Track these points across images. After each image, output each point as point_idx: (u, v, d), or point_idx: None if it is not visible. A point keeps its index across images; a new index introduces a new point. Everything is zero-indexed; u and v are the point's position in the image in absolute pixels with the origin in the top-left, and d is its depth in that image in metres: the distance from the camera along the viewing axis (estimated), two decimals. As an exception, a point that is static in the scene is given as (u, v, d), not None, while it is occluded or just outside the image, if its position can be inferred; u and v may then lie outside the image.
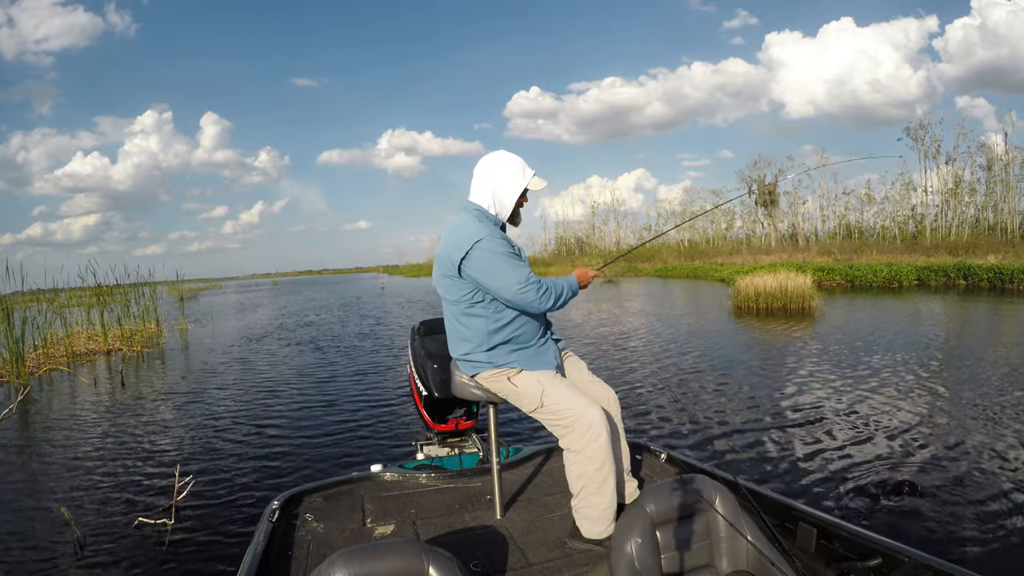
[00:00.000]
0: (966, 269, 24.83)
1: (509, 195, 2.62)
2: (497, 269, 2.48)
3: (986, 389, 7.51)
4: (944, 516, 4.18)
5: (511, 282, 2.47)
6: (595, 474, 2.43)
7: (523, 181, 2.63)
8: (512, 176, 2.62)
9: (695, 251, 56.36)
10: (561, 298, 2.60)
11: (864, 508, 4.40)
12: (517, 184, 2.62)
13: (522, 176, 2.63)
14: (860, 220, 53.99)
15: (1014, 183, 43.25)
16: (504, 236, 2.60)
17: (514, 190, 2.62)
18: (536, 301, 2.50)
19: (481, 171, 2.67)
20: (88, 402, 9.54)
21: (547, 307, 2.55)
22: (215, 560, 4.13)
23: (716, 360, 10.39)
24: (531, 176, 2.65)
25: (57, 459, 6.56)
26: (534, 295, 2.48)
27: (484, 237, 2.48)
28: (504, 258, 2.48)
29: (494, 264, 2.48)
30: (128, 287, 18.57)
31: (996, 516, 4.13)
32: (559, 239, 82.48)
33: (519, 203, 2.70)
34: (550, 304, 2.54)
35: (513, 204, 2.65)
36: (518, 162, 2.65)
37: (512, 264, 2.49)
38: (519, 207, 2.72)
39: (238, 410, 8.37)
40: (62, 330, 15.52)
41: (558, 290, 2.58)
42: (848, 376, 8.61)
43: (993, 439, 5.70)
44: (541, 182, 2.69)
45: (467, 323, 2.63)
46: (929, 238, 44.24)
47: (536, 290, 2.48)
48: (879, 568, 2.01)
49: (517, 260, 2.53)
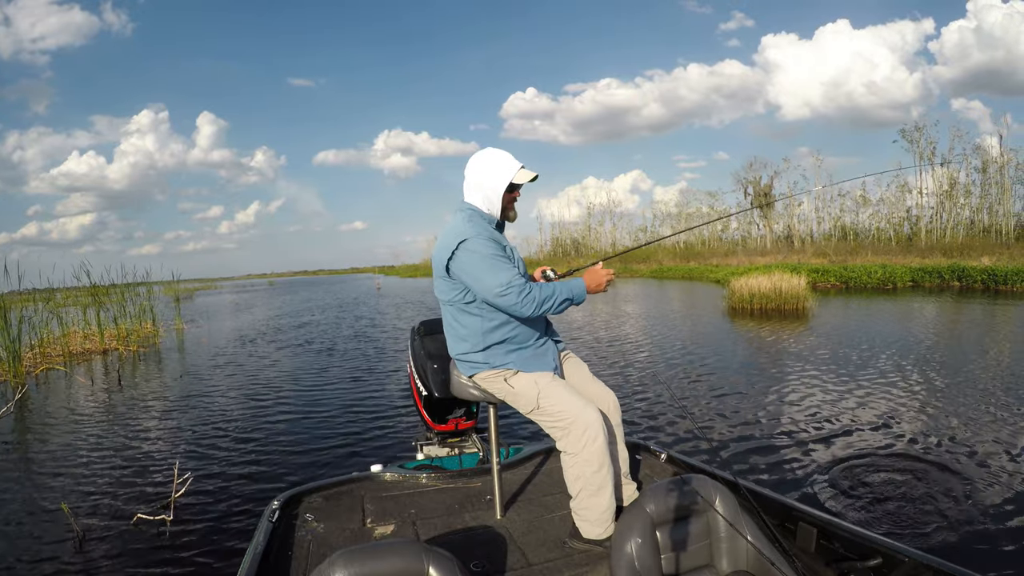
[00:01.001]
0: (960, 271, 24.86)
1: (495, 190, 2.59)
2: (478, 270, 2.48)
3: (976, 388, 7.57)
4: (941, 512, 4.21)
5: (492, 284, 2.45)
6: (592, 476, 2.43)
7: (508, 174, 2.58)
8: (497, 170, 2.59)
9: (691, 252, 56.27)
10: (548, 304, 2.51)
11: (862, 505, 4.43)
12: (502, 178, 2.58)
13: (507, 169, 2.59)
14: (855, 222, 54.14)
15: (1009, 185, 43.37)
16: (493, 237, 2.57)
17: (499, 184, 2.58)
18: (517, 305, 2.45)
19: (470, 169, 2.66)
20: (86, 401, 9.53)
21: (530, 312, 2.48)
22: (214, 556, 4.16)
23: (710, 361, 10.42)
24: (517, 168, 2.60)
25: (55, 457, 6.57)
26: (515, 299, 2.44)
27: (470, 237, 2.48)
28: (487, 259, 2.47)
29: (476, 265, 2.48)
30: (124, 287, 18.54)
31: (995, 512, 4.16)
32: (555, 240, 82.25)
33: (511, 198, 2.68)
34: (532, 310, 2.47)
35: (500, 199, 2.61)
36: (503, 156, 2.62)
37: (495, 266, 2.46)
38: (512, 202, 2.70)
39: (236, 410, 8.37)
40: (58, 330, 15.48)
41: (544, 295, 2.49)
42: (838, 376, 8.67)
43: (986, 436, 5.76)
44: (528, 173, 2.62)
45: (463, 322, 2.64)
46: (924, 240, 44.33)
47: (517, 294, 2.43)
48: (879, 568, 2.02)
49: (501, 262, 2.49)
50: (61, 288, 17.96)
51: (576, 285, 2.60)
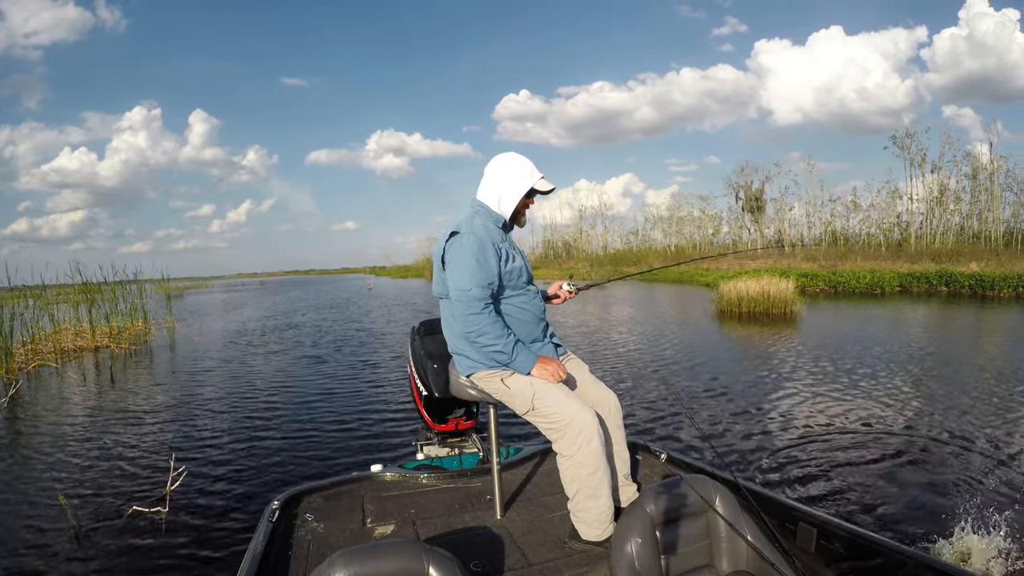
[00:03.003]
0: (948, 276, 25.13)
1: (513, 194, 2.63)
2: (455, 265, 2.51)
3: (960, 386, 7.80)
4: (935, 508, 4.33)
5: (459, 282, 2.48)
6: (588, 479, 2.42)
7: (528, 181, 2.63)
8: (519, 175, 2.63)
9: (681, 256, 56.52)
10: (485, 339, 2.49)
11: (856, 500, 4.54)
12: (522, 184, 2.62)
13: (528, 177, 2.63)
14: (846, 227, 54.39)
15: (998, 192, 43.76)
16: (492, 238, 2.58)
17: (518, 189, 2.62)
18: (466, 314, 2.47)
19: (491, 169, 2.69)
20: (78, 398, 9.52)
21: (467, 328, 2.49)
22: (209, 547, 4.24)
23: (698, 363, 10.54)
24: (538, 178, 2.65)
25: (50, 452, 6.60)
26: (466, 307, 2.47)
27: (463, 233, 2.52)
28: (468, 258, 2.48)
29: (456, 259, 2.51)
30: (115, 284, 18.45)
31: (990, 509, 4.22)
32: (546, 242, 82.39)
33: (525, 204, 2.71)
34: (471, 328, 2.48)
35: (515, 203, 2.65)
36: (527, 162, 2.66)
37: (472, 267, 2.47)
38: (524, 207, 2.72)
39: (232, 408, 8.37)
40: (50, 327, 15.39)
41: (491, 331, 2.48)
42: (826, 378, 8.86)
43: (977, 432, 5.94)
44: (548, 184, 2.67)
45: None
46: (914, 245, 44.69)
47: (473, 304, 2.46)
48: (879, 568, 2.03)
49: (480, 267, 2.48)
50: (52, 286, 17.86)
51: (525, 361, 2.55)
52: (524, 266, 2.71)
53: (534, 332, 2.72)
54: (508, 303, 2.65)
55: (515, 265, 2.64)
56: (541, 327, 2.76)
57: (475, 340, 2.52)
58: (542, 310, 2.79)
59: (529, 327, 2.70)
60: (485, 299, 2.48)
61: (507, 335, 2.52)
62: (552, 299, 3.10)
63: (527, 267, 2.74)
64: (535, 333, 2.73)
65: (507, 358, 2.52)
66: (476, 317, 2.47)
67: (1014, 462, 5.26)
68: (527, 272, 2.72)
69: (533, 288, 2.77)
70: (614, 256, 64.90)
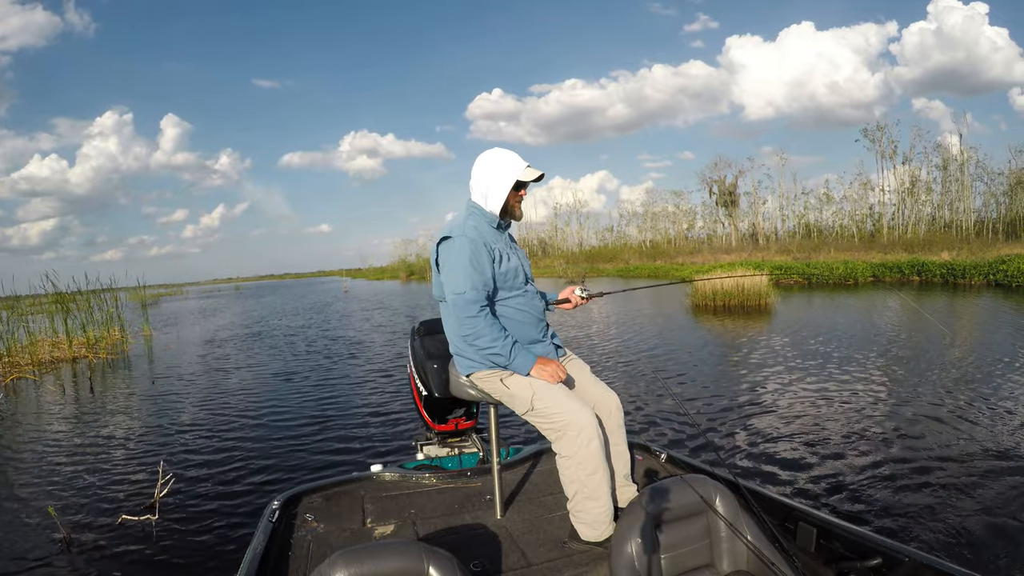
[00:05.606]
0: (920, 265, 25.57)
1: (499, 191, 2.60)
2: (448, 269, 2.54)
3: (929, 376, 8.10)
4: (933, 505, 4.40)
5: (453, 285, 2.50)
6: (588, 479, 2.42)
7: (513, 173, 2.59)
8: (503, 169, 2.60)
9: (657, 251, 56.76)
10: (481, 341, 2.50)
11: (852, 496, 4.62)
12: (506, 179, 2.59)
13: (511, 170, 2.60)
14: (819, 219, 54.86)
15: (969, 182, 44.52)
16: (485, 239, 2.57)
17: (503, 185, 2.59)
18: (462, 317, 2.49)
19: (475, 169, 2.67)
20: (60, 409, 9.40)
21: (463, 332, 2.52)
22: (201, 554, 4.24)
23: (672, 358, 10.71)
24: (523, 167, 2.61)
25: (34, 463, 6.56)
26: (462, 310, 2.48)
27: (455, 236, 2.52)
28: (461, 262, 2.49)
29: (449, 263, 2.53)
30: (89, 293, 18.17)
31: (989, 505, 4.32)
32: (522, 240, 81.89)
33: (517, 196, 2.69)
34: (469, 332, 2.50)
35: (504, 197, 2.61)
36: (509, 155, 2.64)
37: (465, 271, 2.48)
38: (518, 200, 2.70)
39: (214, 416, 8.28)
40: (25, 338, 15.09)
41: (488, 333, 2.49)
42: (798, 369, 9.12)
43: (965, 424, 6.09)
44: (534, 172, 2.63)
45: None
46: (886, 236, 45.28)
47: (469, 307, 2.48)
48: (879, 568, 2.02)
49: (473, 270, 2.49)
50: (26, 296, 17.59)
51: (524, 362, 2.54)
52: (520, 266, 2.69)
53: (534, 333, 2.71)
54: (506, 304, 2.65)
55: (510, 265, 2.63)
56: (541, 328, 2.75)
57: (472, 343, 2.53)
58: (541, 311, 2.78)
59: (528, 328, 2.69)
60: (480, 301, 2.49)
61: (504, 337, 2.52)
62: (563, 303, 3.06)
63: (525, 267, 2.73)
64: (535, 334, 2.71)
65: (505, 360, 2.52)
66: (472, 320, 2.48)
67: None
68: (524, 272, 2.71)
69: (532, 288, 2.75)
70: (590, 253, 65.06)
